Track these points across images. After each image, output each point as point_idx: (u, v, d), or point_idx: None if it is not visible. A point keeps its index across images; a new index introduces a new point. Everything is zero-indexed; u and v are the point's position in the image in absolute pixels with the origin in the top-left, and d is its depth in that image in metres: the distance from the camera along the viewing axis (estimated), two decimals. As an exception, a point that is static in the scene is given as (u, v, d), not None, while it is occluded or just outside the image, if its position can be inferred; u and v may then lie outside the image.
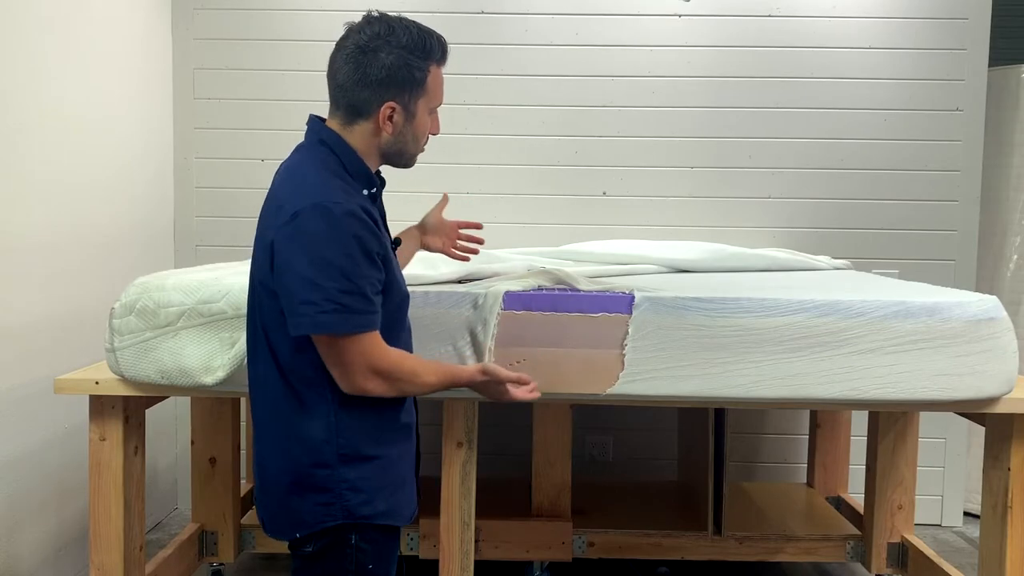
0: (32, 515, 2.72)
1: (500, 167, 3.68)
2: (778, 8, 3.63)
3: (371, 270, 1.51)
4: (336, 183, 1.55)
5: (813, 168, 3.66)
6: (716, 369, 2.16)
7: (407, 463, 1.69)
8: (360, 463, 1.58)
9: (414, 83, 1.58)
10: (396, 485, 1.64)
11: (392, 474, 1.64)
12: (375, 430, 1.60)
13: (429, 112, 1.64)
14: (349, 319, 1.49)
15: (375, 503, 1.59)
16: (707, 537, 2.89)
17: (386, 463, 1.62)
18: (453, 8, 3.58)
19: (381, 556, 1.64)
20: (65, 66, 2.87)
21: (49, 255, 2.79)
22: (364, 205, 1.54)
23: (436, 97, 1.64)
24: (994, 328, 2.17)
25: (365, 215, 1.51)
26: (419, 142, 1.65)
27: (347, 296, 1.48)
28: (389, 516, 1.62)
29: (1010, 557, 2.26)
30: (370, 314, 1.51)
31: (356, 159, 1.61)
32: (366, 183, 1.62)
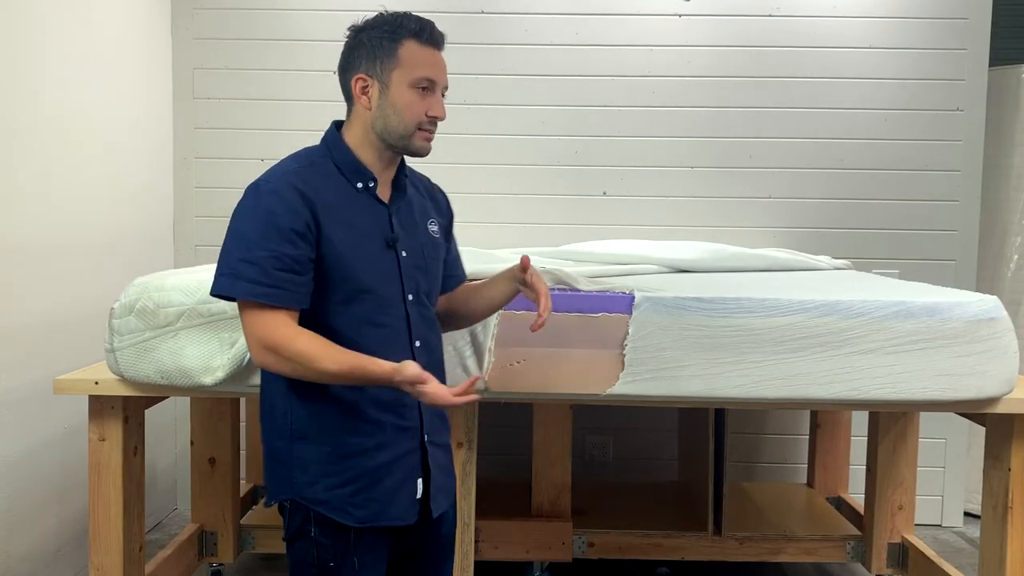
0: (32, 515, 2.72)
1: (500, 167, 3.68)
2: (778, 8, 3.63)
3: (279, 244, 1.53)
4: (290, 166, 1.61)
5: (813, 168, 3.66)
6: (716, 369, 2.15)
7: (374, 462, 1.62)
8: (308, 444, 1.62)
9: (382, 52, 1.60)
10: (348, 479, 1.60)
11: (344, 466, 1.60)
12: (328, 415, 1.61)
13: (411, 86, 1.60)
14: (236, 284, 1.54)
15: (316, 488, 1.61)
16: (707, 537, 2.89)
17: (336, 452, 1.61)
18: (453, 8, 3.58)
19: (344, 555, 1.61)
20: (64, 66, 2.87)
21: (49, 255, 2.79)
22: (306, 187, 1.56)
23: (416, 69, 1.60)
24: (994, 328, 2.17)
25: (295, 192, 1.54)
26: (403, 117, 1.61)
27: (243, 263, 1.54)
28: (334, 509, 1.60)
29: (1010, 557, 2.26)
30: (264, 286, 1.52)
31: (345, 153, 1.64)
32: (358, 177, 1.64)
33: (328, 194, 1.60)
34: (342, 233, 1.58)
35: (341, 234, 1.58)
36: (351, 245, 1.59)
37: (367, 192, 1.65)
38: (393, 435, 1.64)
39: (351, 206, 1.62)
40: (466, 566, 2.31)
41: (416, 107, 1.61)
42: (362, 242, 1.61)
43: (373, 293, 1.62)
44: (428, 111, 1.62)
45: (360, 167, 1.64)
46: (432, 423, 1.72)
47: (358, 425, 1.62)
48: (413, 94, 1.61)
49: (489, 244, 3.42)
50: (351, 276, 1.59)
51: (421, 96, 1.61)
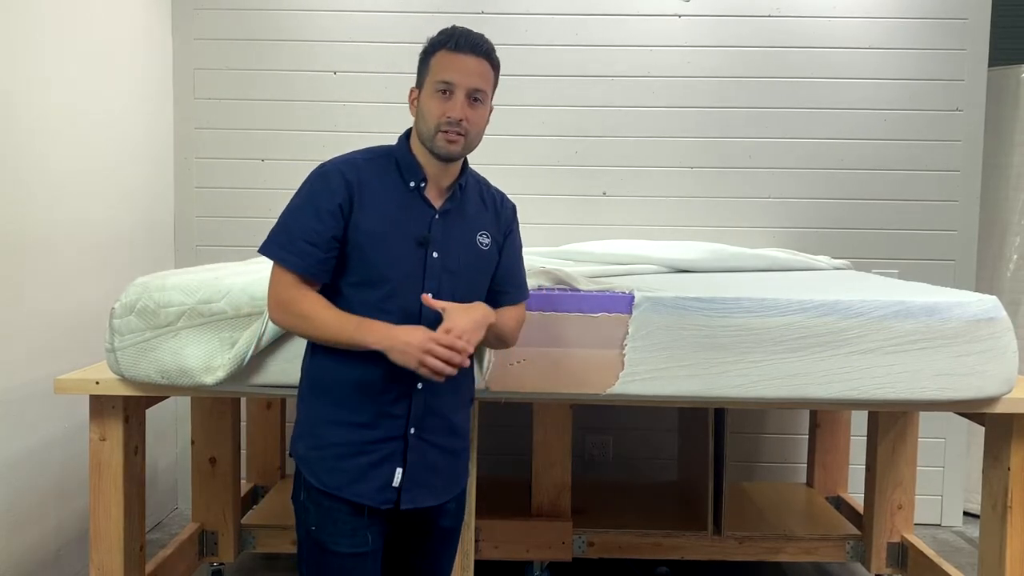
0: (32, 515, 2.72)
1: (500, 167, 3.67)
2: (778, 8, 3.63)
3: (307, 219, 1.69)
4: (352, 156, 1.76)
5: (813, 168, 3.66)
6: (716, 369, 2.16)
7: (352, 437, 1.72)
8: (303, 403, 1.79)
9: (423, 66, 1.75)
10: (324, 444, 1.73)
11: (322, 431, 1.74)
12: (323, 379, 1.75)
13: (434, 91, 1.70)
14: (268, 245, 1.72)
15: (298, 444, 1.77)
16: (707, 537, 2.90)
17: (319, 416, 1.75)
18: (453, 8, 3.58)
19: (323, 522, 1.73)
20: (65, 66, 2.88)
21: (49, 255, 2.79)
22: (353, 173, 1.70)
23: (437, 73, 1.70)
24: (994, 328, 2.17)
25: (338, 175, 1.70)
26: (427, 122, 1.71)
27: (279, 228, 1.72)
28: (306, 467, 1.74)
29: (1010, 557, 2.26)
30: (286, 251, 1.69)
31: (405, 154, 1.76)
32: (410, 175, 1.75)
33: (375, 186, 1.73)
34: (374, 222, 1.70)
35: (373, 223, 1.70)
36: (378, 235, 1.70)
37: (417, 191, 1.74)
38: (374, 418, 1.73)
39: (395, 200, 1.73)
40: (466, 566, 2.31)
41: (435, 110, 1.70)
42: (392, 235, 1.71)
43: (387, 282, 1.71)
44: (446, 112, 1.69)
45: (415, 166, 1.75)
46: (426, 421, 1.76)
47: (343, 399, 1.73)
48: (435, 99, 1.70)
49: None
50: (369, 262, 1.70)
51: (442, 99, 1.70)
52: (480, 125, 1.74)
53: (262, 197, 3.61)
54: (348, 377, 1.72)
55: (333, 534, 1.73)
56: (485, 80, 1.73)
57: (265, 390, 2.17)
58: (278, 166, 3.64)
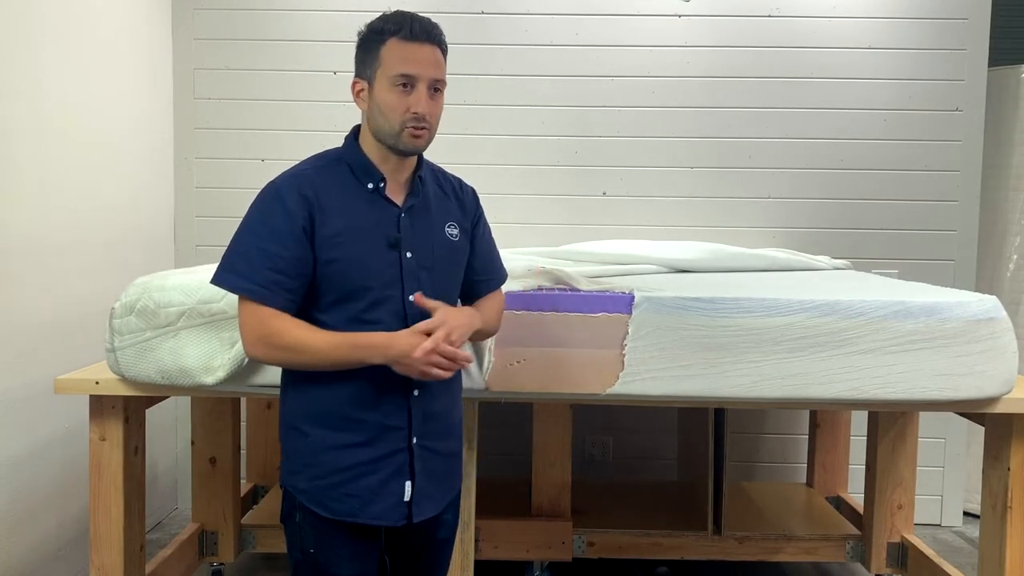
0: (32, 515, 2.72)
1: (500, 167, 3.68)
2: (778, 8, 3.63)
3: (270, 244, 1.58)
4: (302, 167, 1.66)
5: (813, 168, 3.66)
6: (716, 369, 2.16)
7: (356, 458, 1.64)
8: (294, 434, 1.68)
9: (369, 55, 1.63)
10: (327, 471, 1.64)
11: (323, 459, 1.64)
12: (310, 407, 1.66)
13: (391, 85, 1.59)
14: (227, 277, 1.60)
15: (297, 479, 1.67)
16: (707, 537, 2.90)
17: (314, 444, 1.65)
18: (453, 8, 3.58)
19: (323, 545, 1.66)
20: (65, 66, 2.88)
21: (49, 255, 2.79)
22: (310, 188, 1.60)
23: (394, 66, 1.59)
24: (994, 328, 2.17)
25: (295, 194, 1.59)
26: (388, 116, 1.60)
27: (237, 256, 1.60)
28: (311, 499, 1.65)
29: (1010, 557, 2.26)
30: (252, 282, 1.57)
31: (356, 154, 1.68)
32: (368, 177, 1.67)
33: (334, 195, 1.63)
34: (341, 234, 1.61)
35: (340, 235, 1.61)
36: (349, 245, 1.61)
37: (377, 192, 1.66)
38: (377, 433, 1.66)
39: (357, 206, 1.64)
40: (466, 566, 2.31)
41: (398, 105, 1.60)
42: (362, 242, 1.63)
43: (369, 291, 1.63)
44: (410, 108, 1.60)
45: (370, 168, 1.67)
46: (426, 427, 1.70)
47: (340, 422, 1.65)
48: (393, 93, 1.60)
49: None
50: (346, 276, 1.62)
51: (402, 93, 1.60)
52: (439, 115, 1.66)
53: (262, 197, 3.60)
54: (340, 398, 1.64)
55: (334, 558, 1.66)
56: (442, 69, 1.64)
57: (265, 390, 2.17)
58: (278, 166, 3.59)
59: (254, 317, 1.59)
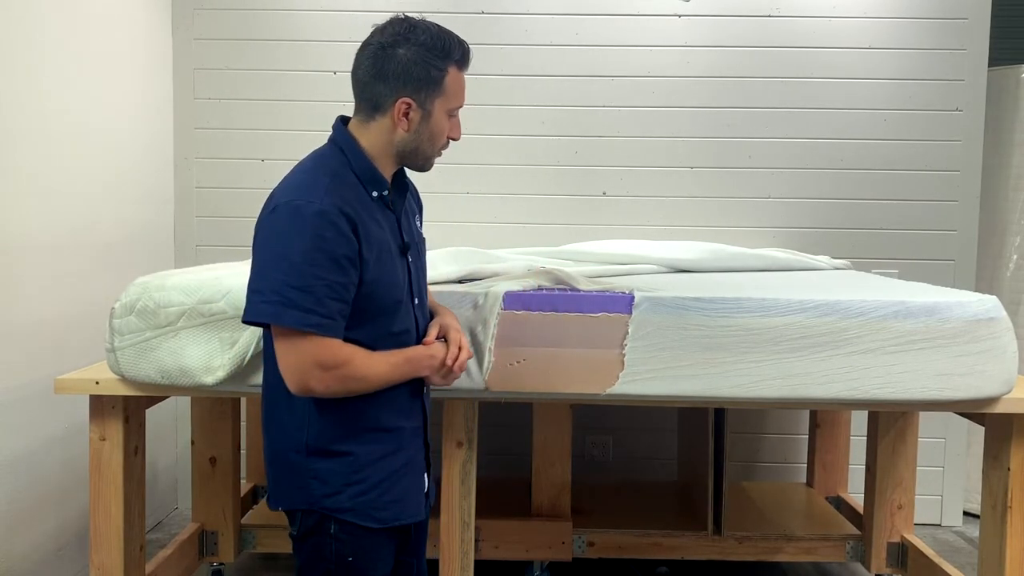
0: (32, 515, 2.72)
1: (500, 167, 3.68)
2: (778, 8, 3.63)
3: (331, 273, 1.49)
4: (323, 181, 1.54)
5: (813, 168, 3.66)
6: (716, 369, 2.16)
7: (392, 467, 1.66)
8: (328, 457, 1.61)
9: (430, 81, 1.59)
10: (370, 485, 1.63)
11: (364, 474, 1.63)
12: (347, 426, 1.61)
13: (449, 114, 1.64)
14: (287, 312, 1.48)
15: (339, 498, 1.61)
16: (707, 537, 2.90)
17: (357, 461, 1.62)
18: (453, 8, 3.58)
19: (363, 550, 1.64)
20: (65, 66, 2.88)
21: (49, 255, 2.79)
22: (348, 207, 1.52)
23: (455, 99, 1.64)
24: (994, 328, 2.17)
25: (343, 216, 1.50)
26: (435, 143, 1.64)
27: (293, 291, 1.47)
28: (358, 515, 1.62)
29: (1010, 557, 2.26)
30: (319, 315, 1.48)
31: (363, 160, 1.62)
32: (374, 185, 1.62)
33: (361, 211, 1.56)
34: (372, 252, 1.56)
35: (372, 253, 1.57)
36: (377, 263, 1.58)
37: (381, 200, 1.64)
38: (408, 438, 1.70)
39: (372, 218, 1.59)
40: (466, 566, 2.31)
41: (445, 132, 1.66)
42: (385, 256, 1.60)
43: (400, 304, 1.64)
44: (450, 133, 1.66)
45: (378, 177, 1.63)
46: (429, 421, 1.79)
47: (377, 434, 1.64)
48: (447, 121, 1.65)
49: (489, 244, 3.43)
50: (385, 293, 1.60)
51: (450, 121, 1.66)
52: None
53: (262, 197, 3.56)
54: (378, 412, 1.64)
55: (373, 560, 1.67)
56: None
57: (265, 390, 2.16)
58: (278, 166, 3.64)
59: (321, 351, 1.50)
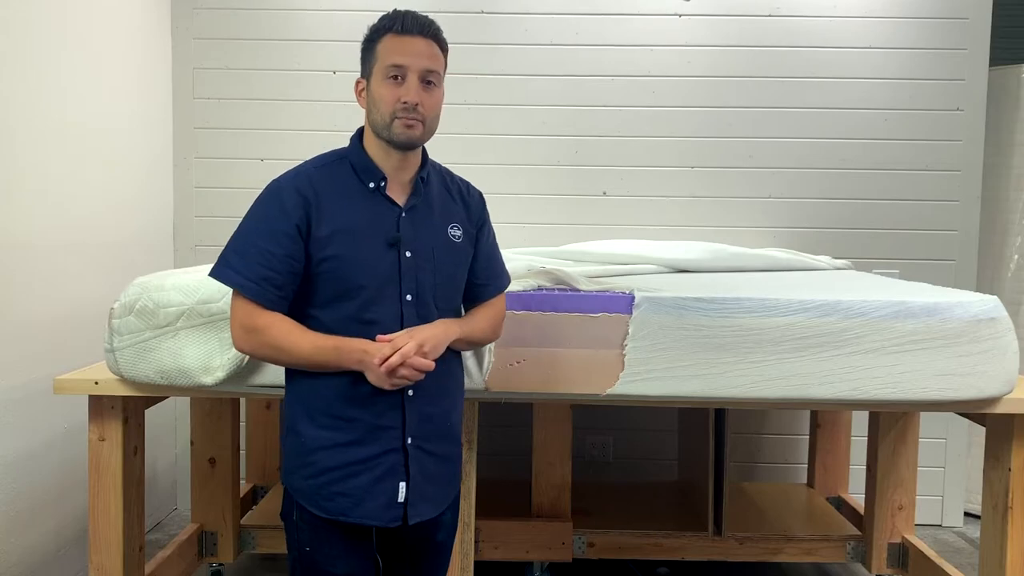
0: (32, 515, 2.72)
1: (500, 167, 3.68)
2: (778, 8, 3.63)
3: (266, 242, 1.61)
4: (305, 166, 1.69)
5: (813, 168, 3.66)
6: (716, 369, 2.15)
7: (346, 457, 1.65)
8: (290, 434, 1.71)
9: (368, 54, 1.69)
10: (320, 470, 1.66)
11: (316, 458, 1.66)
12: (305, 406, 1.68)
13: (385, 78, 1.63)
14: (224, 272, 1.64)
15: (294, 477, 1.70)
16: (707, 537, 2.89)
17: (309, 445, 1.67)
18: (453, 8, 3.58)
19: (318, 542, 1.68)
20: (64, 66, 2.87)
21: (48, 255, 2.79)
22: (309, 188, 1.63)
23: (385, 58, 1.63)
24: (995, 328, 2.17)
25: (294, 193, 1.62)
26: (380, 109, 1.64)
27: (232, 254, 1.64)
28: (307, 498, 1.67)
29: (1010, 557, 2.26)
30: (245, 278, 1.61)
31: (359, 154, 1.70)
32: (368, 176, 1.69)
33: (334, 194, 1.66)
34: (337, 233, 1.64)
35: (336, 234, 1.64)
36: (345, 244, 1.64)
37: (378, 192, 1.69)
38: (367, 433, 1.66)
39: (357, 206, 1.66)
40: (466, 566, 2.30)
41: (388, 96, 1.63)
42: (361, 241, 1.65)
43: (363, 290, 1.64)
44: (400, 97, 1.63)
45: (371, 167, 1.69)
46: (421, 428, 1.70)
47: (331, 420, 1.67)
48: (386, 85, 1.64)
49: (489, 244, 3.42)
50: (341, 274, 1.64)
51: (394, 85, 1.64)
52: (436, 109, 1.68)
53: (262, 197, 3.60)
54: (330, 396, 1.65)
55: (329, 556, 1.68)
56: (436, 61, 1.66)
57: (264, 390, 2.16)
58: (278, 166, 3.62)
59: (242, 311, 1.64)
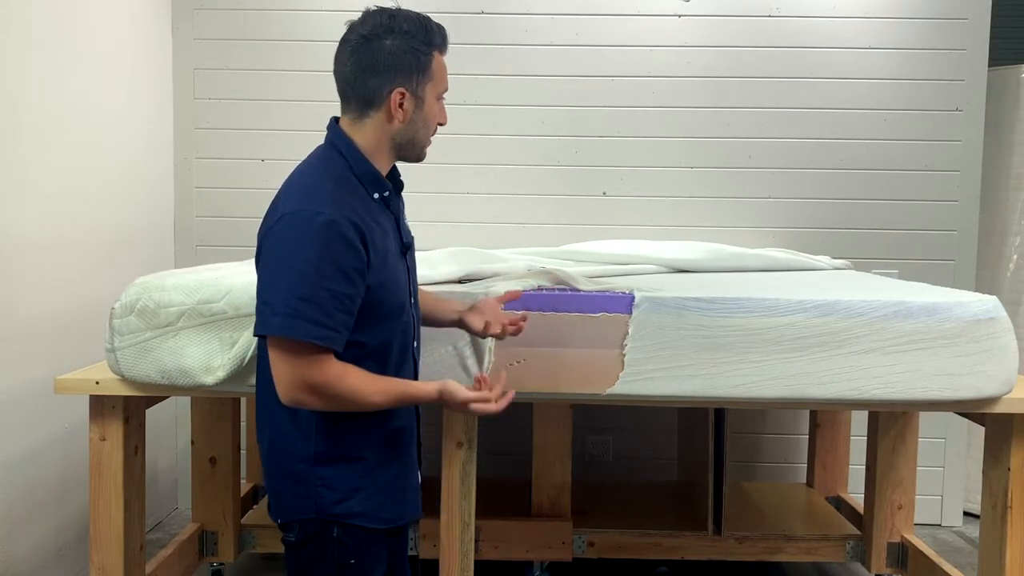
0: (32, 515, 2.72)
1: (500, 167, 3.68)
2: (778, 8, 3.63)
3: (338, 284, 1.47)
4: (328, 190, 1.52)
5: (813, 168, 3.66)
6: (716, 369, 2.16)
7: (398, 467, 1.68)
8: (336, 463, 1.60)
9: (420, 67, 1.58)
10: (378, 487, 1.64)
11: (374, 477, 1.63)
12: (355, 431, 1.61)
13: (438, 99, 1.64)
14: (295, 324, 1.45)
15: (350, 503, 1.60)
16: (707, 537, 2.89)
17: (366, 465, 1.62)
18: (453, 8, 3.58)
19: (364, 552, 1.64)
20: (64, 66, 2.87)
21: (49, 255, 2.79)
22: (355, 216, 1.51)
23: (442, 82, 1.63)
24: (994, 328, 2.17)
25: (351, 226, 1.48)
26: (429, 129, 1.63)
27: (302, 303, 1.45)
28: (367, 518, 1.62)
29: (1010, 557, 2.26)
30: (325, 327, 1.47)
31: (363, 162, 1.60)
32: (376, 187, 1.61)
33: (366, 216, 1.54)
34: (378, 257, 1.55)
35: (378, 258, 1.55)
36: (383, 267, 1.56)
37: (381, 201, 1.62)
38: (408, 439, 1.71)
39: (376, 222, 1.57)
40: (466, 566, 2.31)
41: (437, 117, 1.65)
42: (389, 260, 1.59)
43: (399, 306, 1.63)
44: (439, 118, 1.65)
45: (378, 177, 1.61)
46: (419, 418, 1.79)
47: (385, 436, 1.65)
48: (438, 106, 1.64)
49: (489, 244, 3.42)
50: (387, 297, 1.58)
51: (440, 106, 1.65)
52: None
53: (262, 197, 3.57)
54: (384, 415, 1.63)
55: (372, 562, 1.67)
56: None
57: (265, 390, 2.16)
58: (278, 166, 3.64)
59: (307, 366, 1.48)
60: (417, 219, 2.15)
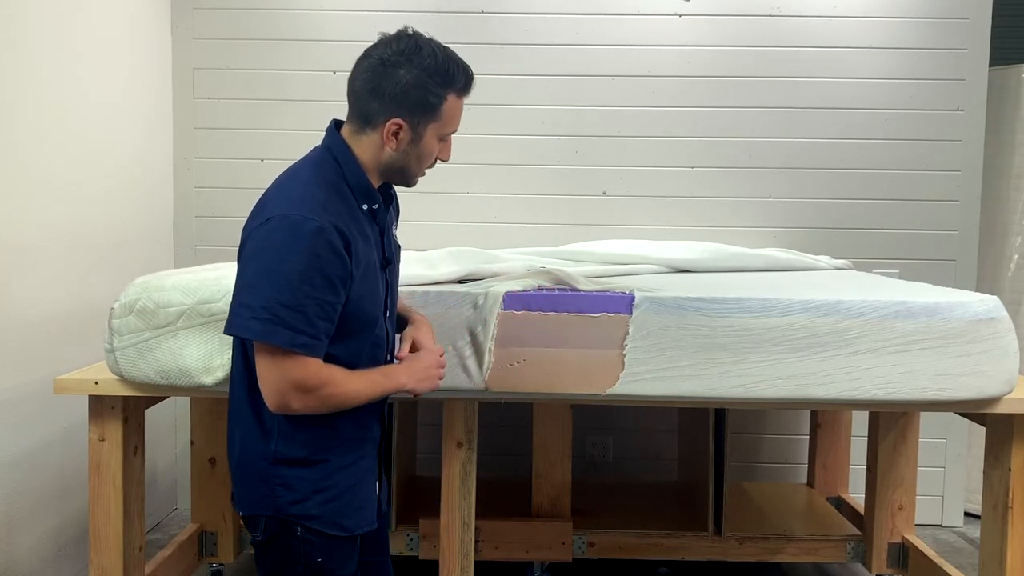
0: (32, 515, 2.72)
1: (500, 167, 3.68)
2: (778, 8, 3.62)
3: (323, 292, 1.47)
4: (319, 196, 1.52)
5: (813, 168, 3.66)
6: (716, 369, 2.15)
7: (357, 474, 1.67)
8: (296, 465, 1.60)
9: (426, 107, 1.57)
10: (338, 493, 1.63)
11: (334, 480, 1.62)
12: (317, 435, 1.61)
13: (440, 138, 1.63)
14: (277, 331, 1.46)
15: (307, 505, 1.60)
16: (707, 537, 2.89)
17: (326, 468, 1.62)
18: (453, 8, 3.58)
19: (331, 550, 1.64)
20: (64, 66, 2.87)
21: (49, 255, 2.78)
22: (342, 224, 1.50)
23: (449, 124, 1.62)
24: (995, 328, 2.17)
25: (338, 235, 1.48)
26: (422, 164, 1.63)
27: (285, 309, 1.45)
28: (324, 523, 1.61)
29: (1010, 557, 2.26)
30: (307, 335, 1.47)
31: (358, 172, 1.60)
32: (366, 198, 1.61)
33: (352, 225, 1.55)
34: (359, 269, 1.55)
35: (360, 270, 1.55)
36: (363, 279, 1.57)
37: (369, 213, 1.63)
38: (369, 447, 1.70)
39: (362, 233, 1.57)
40: (466, 566, 2.30)
41: (434, 154, 1.64)
42: (369, 272, 1.59)
43: (373, 319, 1.63)
44: (440, 155, 1.65)
45: (370, 189, 1.62)
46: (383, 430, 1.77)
47: (344, 442, 1.64)
48: (437, 144, 1.64)
49: (489, 244, 3.42)
50: (363, 309, 1.59)
51: (440, 144, 1.65)
52: None
53: (262, 197, 3.61)
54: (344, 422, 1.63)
55: (341, 561, 1.66)
56: None
57: (265, 390, 2.16)
58: (278, 166, 3.59)
59: (299, 372, 1.49)
60: (417, 219, 2.15)
